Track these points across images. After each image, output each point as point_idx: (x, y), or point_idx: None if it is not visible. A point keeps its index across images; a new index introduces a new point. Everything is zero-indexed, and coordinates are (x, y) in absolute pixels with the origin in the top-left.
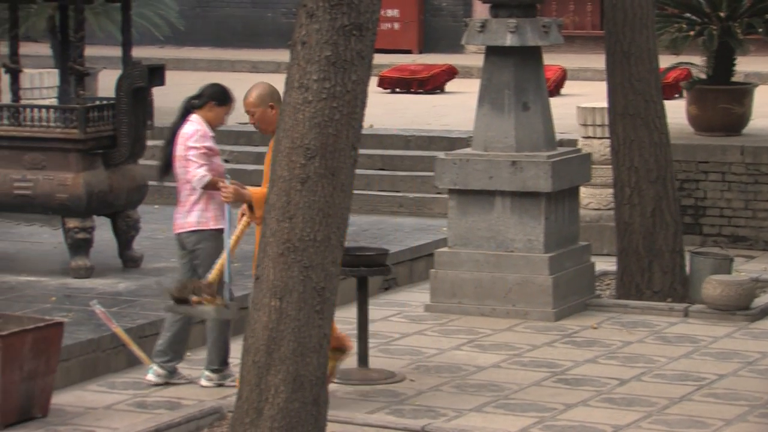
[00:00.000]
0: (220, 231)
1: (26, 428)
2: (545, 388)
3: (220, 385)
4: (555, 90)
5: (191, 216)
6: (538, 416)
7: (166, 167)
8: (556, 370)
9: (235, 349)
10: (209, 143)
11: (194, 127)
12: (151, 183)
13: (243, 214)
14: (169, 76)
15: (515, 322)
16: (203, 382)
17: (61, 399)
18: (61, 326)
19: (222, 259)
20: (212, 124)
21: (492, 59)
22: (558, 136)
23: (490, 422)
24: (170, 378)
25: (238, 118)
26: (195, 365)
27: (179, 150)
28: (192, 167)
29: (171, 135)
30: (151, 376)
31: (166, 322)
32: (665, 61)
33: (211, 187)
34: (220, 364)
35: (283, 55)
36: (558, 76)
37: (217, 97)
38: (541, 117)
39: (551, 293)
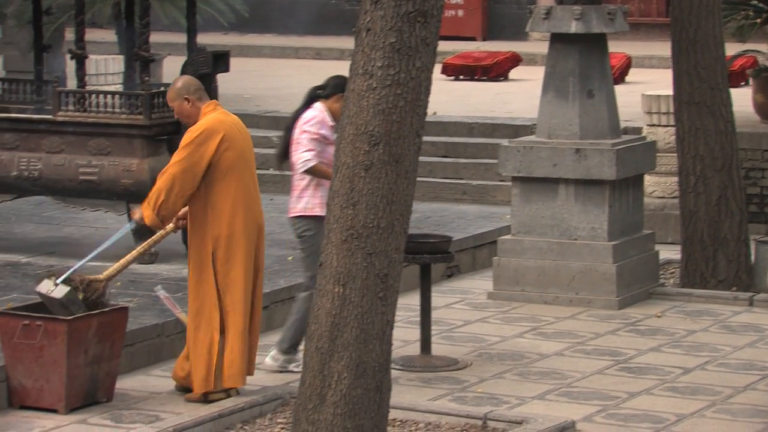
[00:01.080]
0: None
1: (91, 412)
2: (608, 376)
3: (283, 370)
4: (620, 77)
5: (300, 202)
6: (601, 404)
7: (284, 154)
8: (619, 359)
9: None
10: (325, 131)
11: (314, 113)
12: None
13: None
14: (233, 62)
15: (578, 310)
16: (267, 361)
17: (125, 384)
18: (126, 311)
19: (124, 259)
20: (335, 115)
21: (557, 46)
22: (623, 124)
23: (553, 410)
24: (287, 365)
25: (296, 105)
26: (259, 351)
27: (295, 134)
28: (299, 150)
29: (291, 122)
30: (269, 360)
31: (293, 308)
32: (731, 48)
33: (316, 173)
34: (290, 347)
35: (346, 42)
36: (623, 63)
37: (342, 89)
38: (605, 104)
39: (615, 281)
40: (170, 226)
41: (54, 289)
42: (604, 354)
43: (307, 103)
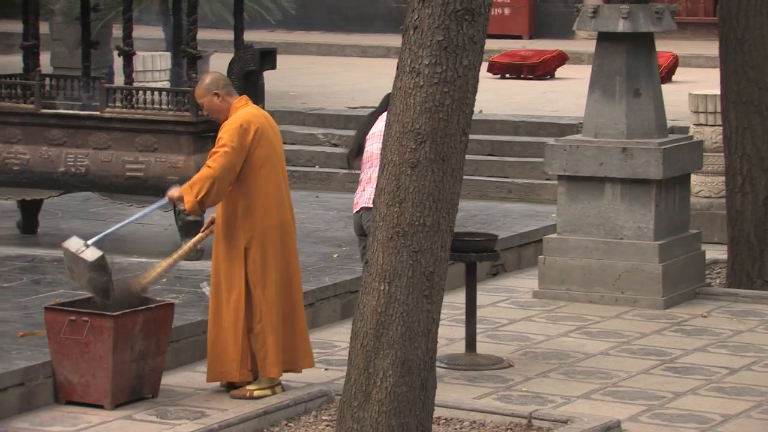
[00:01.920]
0: None
1: (136, 408)
2: (654, 376)
3: None
4: (667, 77)
5: (365, 193)
6: (646, 404)
7: (358, 150)
8: (665, 359)
9: (344, 333)
10: None
11: None
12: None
13: (211, 222)
14: (280, 60)
15: (624, 310)
16: None
17: (170, 380)
18: (172, 307)
19: (165, 261)
20: None
21: (604, 45)
22: (669, 123)
23: (598, 409)
24: None
25: (348, 102)
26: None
27: (378, 126)
28: None
29: (368, 119)
30: None
31: None
32: None
33: None
34: None
35: (392, 40)
36: (670, 62)
37: None
38: (652, 104)
39: (661, 281)
40: (201, 235)
41: (84, 249)
42: (649, 354)
43: (385, 106)
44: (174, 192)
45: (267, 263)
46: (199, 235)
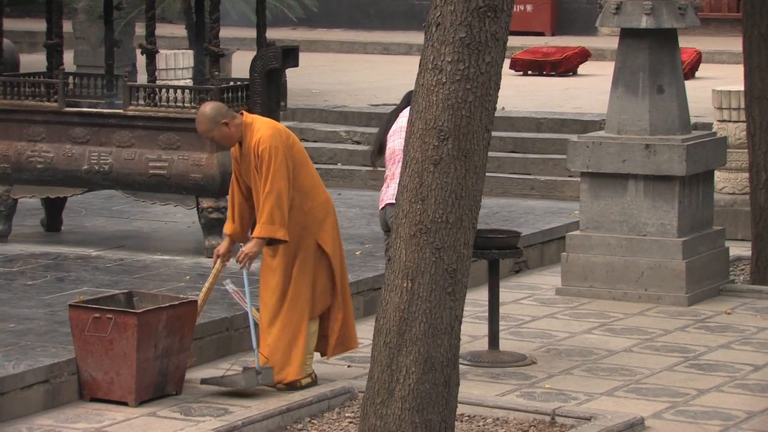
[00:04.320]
0: None
1: (160, 405)
2: (677, 373)
3: None
4: (690, 73)
5: (389, 189)
6: (670, 401)
7: (380, 149)
8: (688, 355)
9: (367, 330)
10: None
11: None
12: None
13: (218, 256)
14: (302, 57)
15: (647, 307)
16: None
17: (194, 376)
18: (195, 304)
19: (209, 283)
20: None
21: (627, 41)
22: (693, 120)
23: (622, 406)
24: None
25: (370, 99)
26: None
27: (400, 122)
28: None
29: (390, 117)
30: None
31: None
32: None
33: None
34: None
35: (414, 38)
36: (693, 58)
37: None
38: (675, 100)
39: (684, 278)
40: (219, 265)
41: (240, 378)
42: (673, 351)
43: (406, 103)
44: (252, 248)
45: (340, 252)
46: (217, 267)
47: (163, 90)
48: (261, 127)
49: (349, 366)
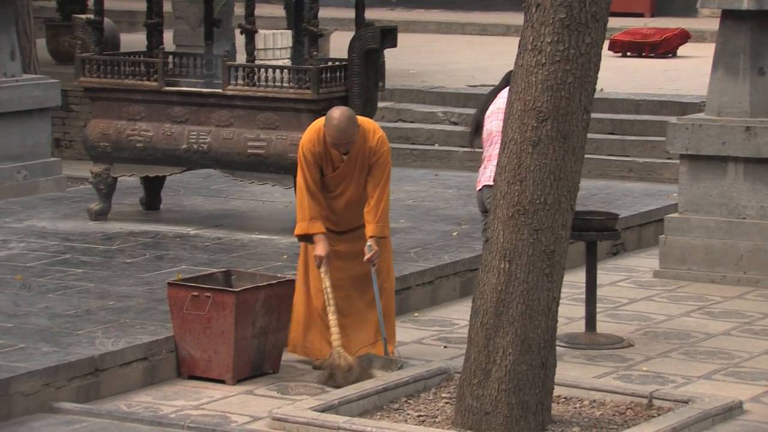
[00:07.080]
0: None
1: (257, 383)
2: None
3: None
4: None
5: (487, 171)
6: None
7: (477, 128)
8: None
9: (463, 310)
10: None
11: None
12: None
13: (321, 259)
14: (400, 38)
15: (746, 290)
16: None
17: (291, 356)
18: (293, 284)
19: (331, 320)
20: None
21: (727, 23)
22: None
23: (720, 390)
24: None
25: (468, 80)
26: (423, 325)
27: (498, 103)
28: None
29: (488, 97)
30: None
31: None
32: None
33: None
34: None
35: (513, 18)
36: None
37: None
38: None
39: None
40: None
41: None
42: None
43: (505, 83)
44: (375, 251)
45: None
46: (324, 276)
47: (262, 70)
48: (374, 127)
49: (445, 347)
